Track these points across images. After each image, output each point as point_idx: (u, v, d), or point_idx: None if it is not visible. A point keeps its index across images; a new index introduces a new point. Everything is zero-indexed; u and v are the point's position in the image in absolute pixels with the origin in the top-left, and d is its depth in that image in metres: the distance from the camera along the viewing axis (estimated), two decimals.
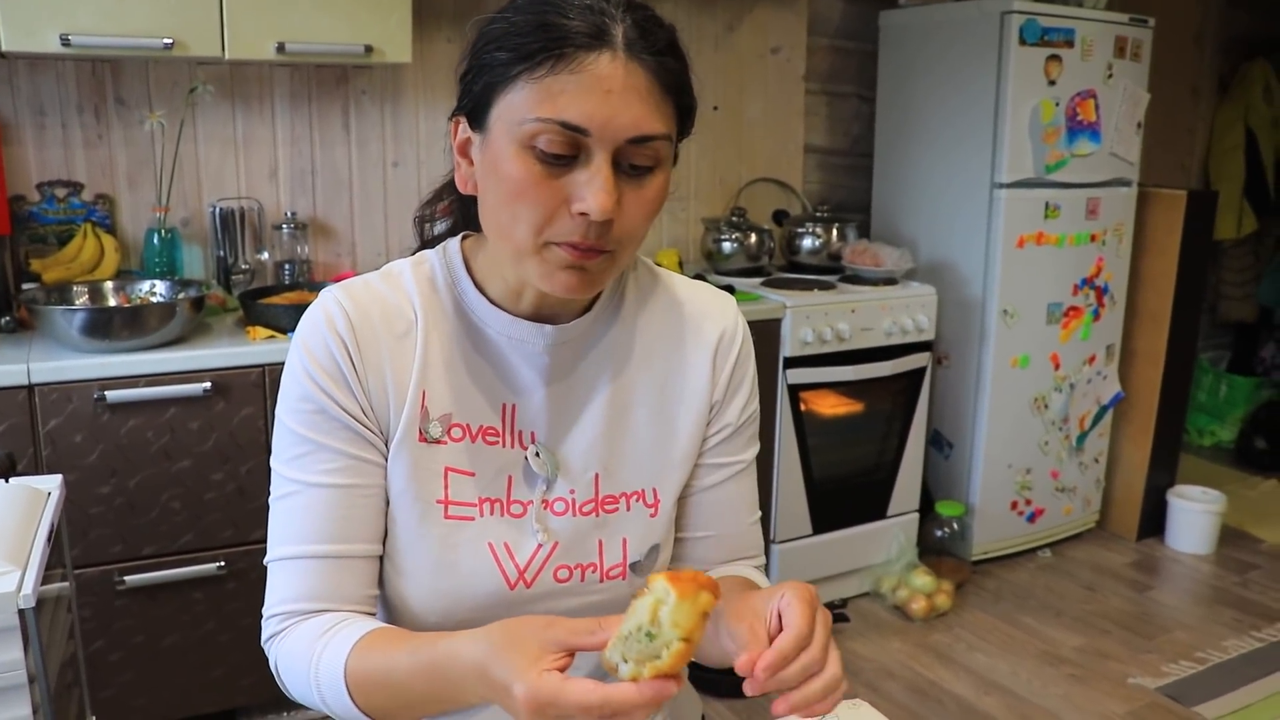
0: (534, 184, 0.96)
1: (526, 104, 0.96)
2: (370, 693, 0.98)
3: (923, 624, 3.32)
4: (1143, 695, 2.92)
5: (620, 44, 0.95)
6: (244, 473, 2.44)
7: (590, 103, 0.94)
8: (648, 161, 0.99)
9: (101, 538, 2.36)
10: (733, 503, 1.24)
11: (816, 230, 3.63)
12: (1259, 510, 4.25)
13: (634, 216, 1.00)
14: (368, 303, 1.09)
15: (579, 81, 0.94)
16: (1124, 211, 3.74)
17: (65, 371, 2.26)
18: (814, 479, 3.27)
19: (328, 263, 3.11)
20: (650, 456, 1.16)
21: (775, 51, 3.76)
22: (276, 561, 1.08)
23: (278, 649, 1.07)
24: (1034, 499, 3.75)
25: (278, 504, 1.08)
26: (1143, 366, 3.90)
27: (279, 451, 1.09)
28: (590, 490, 1.14)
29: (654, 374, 1.17)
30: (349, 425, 1.06)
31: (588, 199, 0.95)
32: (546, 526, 1.12)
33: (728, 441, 1.22)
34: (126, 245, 2.84)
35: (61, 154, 2.75)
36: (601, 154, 0.96)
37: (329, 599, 1.07)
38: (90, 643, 2.39)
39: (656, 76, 0.97)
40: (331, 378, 1.06)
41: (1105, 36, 3.49)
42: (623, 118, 0.95)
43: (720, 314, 1.21)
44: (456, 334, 1.11)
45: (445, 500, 1.09)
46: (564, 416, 1.14)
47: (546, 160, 0.96)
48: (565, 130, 0.94)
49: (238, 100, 2.92)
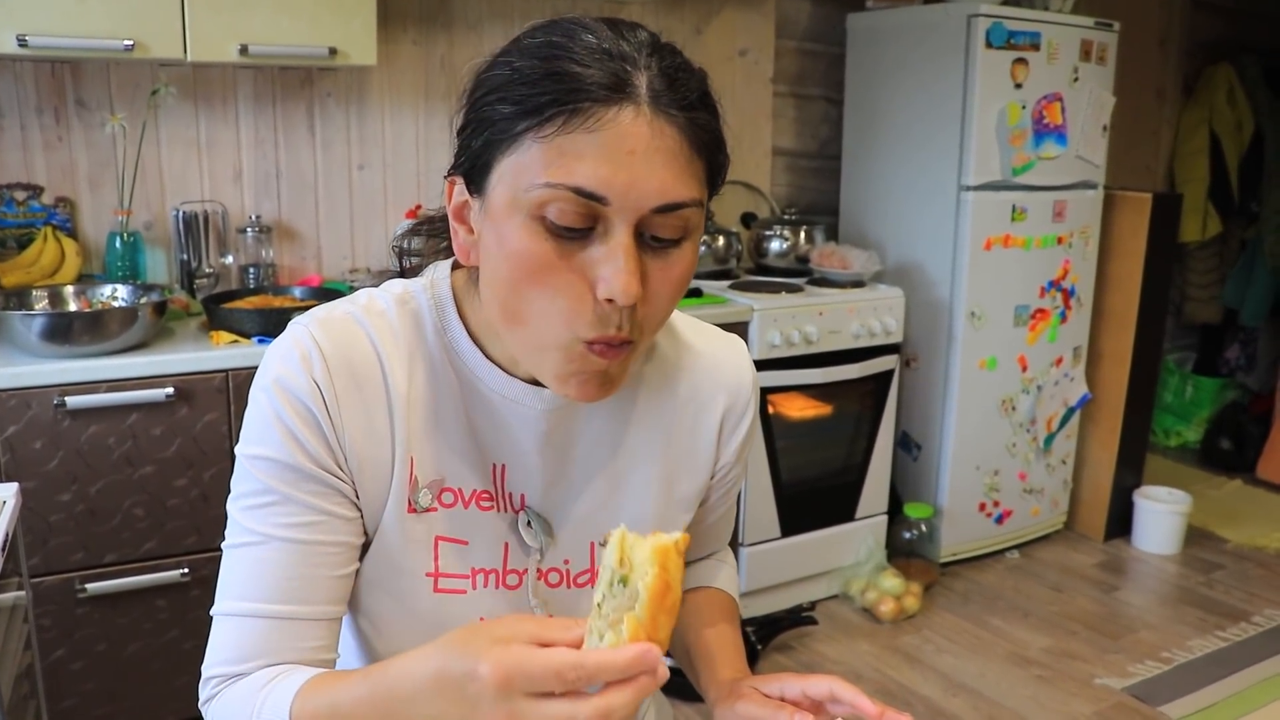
0: (547, 265, 0.84)
1: (534, 167, 0.83)
2: None
3: (891, 626, 3.32)
4: (1109, 695, 2.94)
5: (645, 97, 0.82)
6: (207, 479, 2.42)
7: (610, 166, 0.81)
8: (675, 234, 0.86)
9: (62, 545, 2.33)
10: (723, 524, 1.23)
11: (784, 233, 3.63)
12: (1224, 510, 4.28)
13: (661, 297, 0.88)
14: (347, 344, 0.96)
15: (596, 141, 0.81)
16: (1090, 214, 3.76)
17: (24, 377, 2.22)
18: (782, 482, 3.27)
19: (293, 266, 3.08)
20: (650, 523, 1.07)
21: (743, 54, 3.76)
22: (224, 616, 0.95)
23: (214, 710, 0.94)
24: (1002, 500, 3.76)
25: (232, 552, 0.96)
26: (1109, 368, 3.93)
27: (239, 495, 0.95)
28: (586, 560, 1.05)
29: (656, 435, 1.07)
30: (319, 478, 0.94)
31: (610, 280, 0.83)
32: (544, 600, 1.04)
33: (730, 485, 1.18)
34: (88, 249, 2.81)
35: (20, 156, 2.72)
36: (623, 226, 0.83)
37: (275, 658, 0.94)
38: (51, 652, 2.36)
39: (686, 134, 0.84)
40: (306, 425, 0.93)
41: (1071, 40, 3.51)
42: (647, 183, 0.82)
43: (731, 375, 1.11)
44: (446, 389, 0.99)
45: (435, 573, 1.00)
46: (559, 484, 1.04)
47: (558, 234, 0.83)
48: (580, 198, 0.82)
49: (201, 102, 2.89)
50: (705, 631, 1.15)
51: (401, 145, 3.17)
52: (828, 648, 3.19)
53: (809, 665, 3.07)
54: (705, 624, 1.16)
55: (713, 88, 0.90)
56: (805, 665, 3.07)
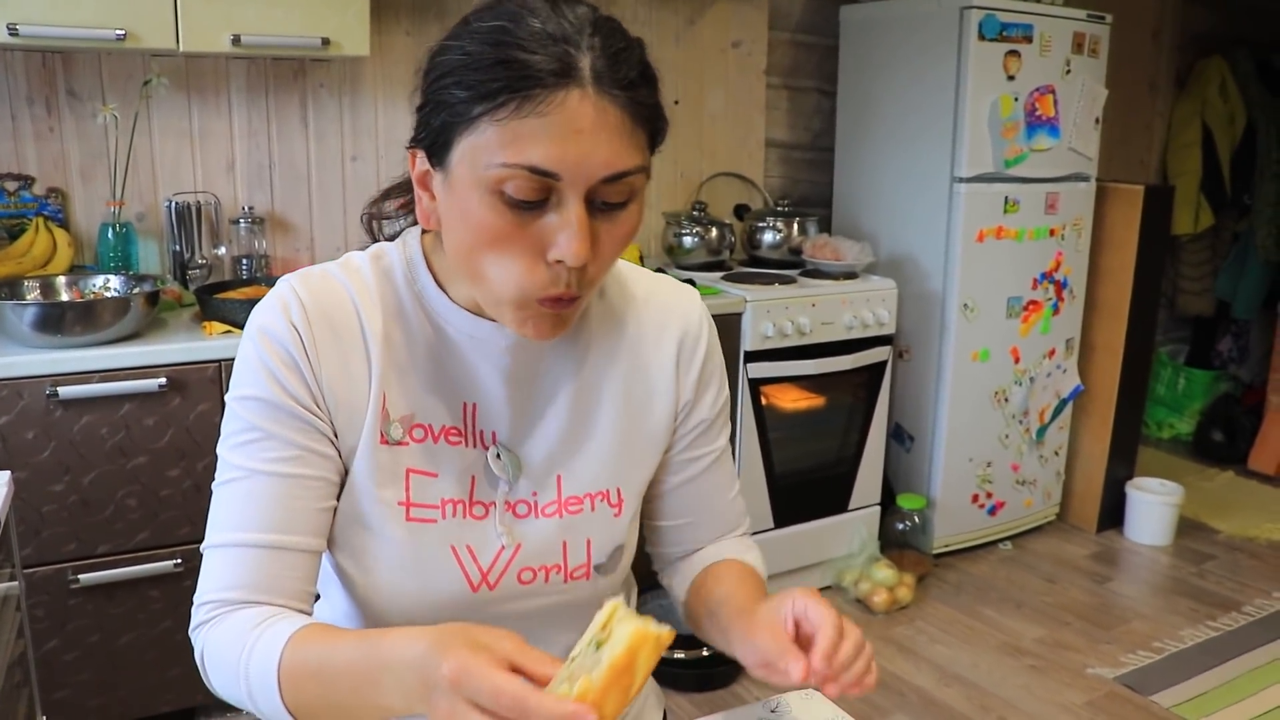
0: (506, 233, 0.93)
1: (491, 148, 0.90)
2: (300, 686, 0.92)
3: (884, 617, 3.33)
4: (1101, 685, 2.95)
5: (589, 78, 0.89)
6: (200, 469, 2.42)
7: (560, 145, 0.89)
8: (622, 197, 0.94)
9: (55, 536, 2.33)
10: (713, 487, 1.25)
11: (777, 224, 3.64)
12: (1216, 502, 4.30)
13: (608, 254, 0.97)
14: (325, 294, 1.06)
15: (547, 124, 0.88)
16: (1083, 206, 3.77)
17: (16, 367, 2.22)
18: (775, 473, 3.27)
19: (286, 257, 3.08)
20: (614, 457, 1.14)
21: (736, 46, 3.76)
22: (213, 548, 1.03)
23: (206, 637, 1.01)
24: (995, 492, 3.77)
25: (221, 489, 1.05)
26: (1102, 360, 3.94)
27: (226, 436, 1.05)
28: (553, 491, 1.12)
29: (618, 373, 1.15)
30: (299, 415, 1.03)
31: (563, 246, 0.92)
32: (510, 529, 1.10)
33: (704, 435, 1.22)
34: (80, 240, 2.81)
35: (11, 146, 2.71)
36: (574, 197, 0.91)
37: (265, 591, 1.01)
38: (44, 643, 2.36)
39: (628, 110, 0.92)
40: (285, 365, 1.02)
41: (1063, 32, 3.51)
42: (595, 158, 0.90)
43: (684, 312, 1.19)
44: (417, 332, 1.08)
45: (407, 502, 1.07)
46: (526, 417, 1.11)
47: (516, 206, 0.91)
48: (535, 176, 0.90)
49: (193, 93, 2.89)
50: (728, 585, 1.17)
51: (394, 136, 3.17)
52: None
53: None
54: (730, 581, 1.18)
55: (651, 57, 0.97)
56: None
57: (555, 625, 1.14)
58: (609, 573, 1.15)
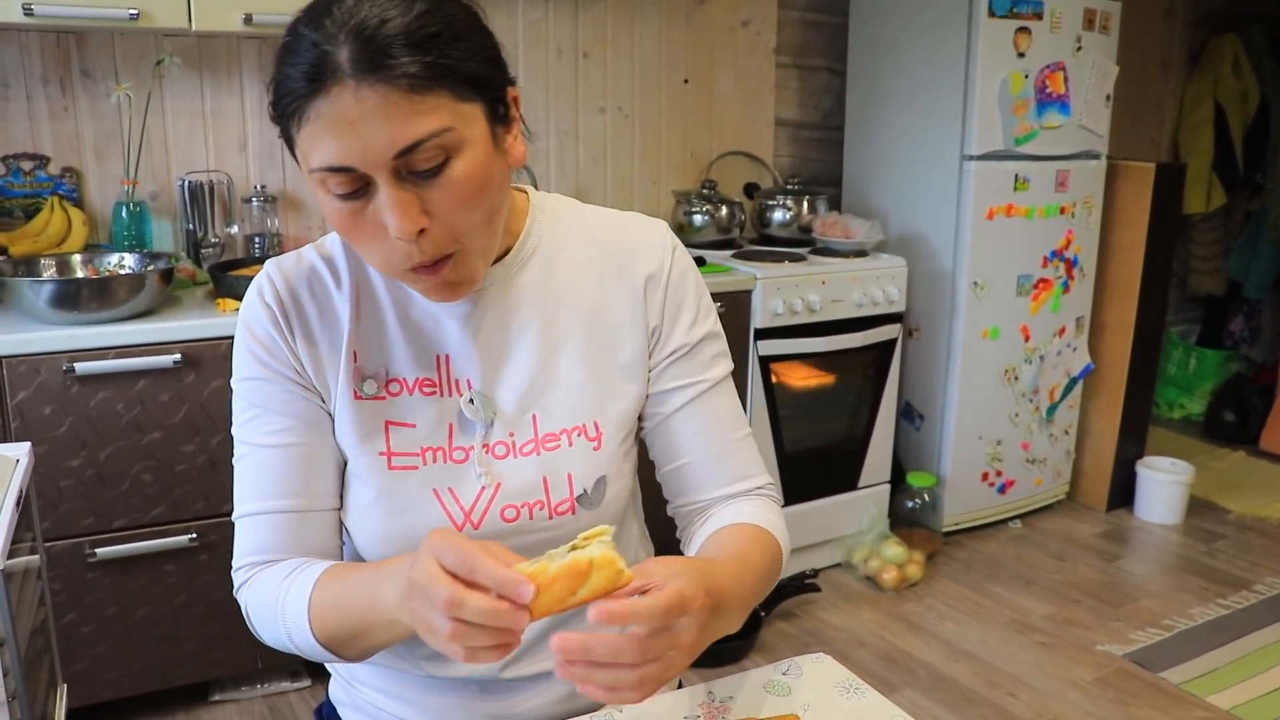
0: (351, 222, 0.99)
1: (303, 154, 0.97)
2: (327, 618, 1.04)
3: (894, 594, 3.35)
4: (1110, 662, 2.96)
5: (347, 71, 0.91)
6: (215, 444, 2.44)
7: (340, 140, 0.92)
8: (435, 161, 0.95)
9: (72, 510, 2.35)
10: (711, 420, 1.21)
11: (787, 203, 3.64)
12: (1227, 481, 4.30)
13: (450, 211, 0.98)
14: (296, 273, 1.15)
15: (324, 126, 0.93)
16: (1093, 184, 3.76)
17: (33, 344, 2.25)
18: (785, 450, 3.29)
19: (297, 236, 3.09)
20: (587, 391, 1.17)
21: (745, 25, 3.76)
22: (240, 519, 1.14)
23: (247, 595, 1.13)
24: (1004, 470, 3.78)
25: (237, 465, 1.15)
26: (1112, 339, 3.93)
27: (234, 417, 1.16)
28: (530, 430, 1.15)
29: (581, 309, 1.18)
30: (286, 389, 1.12)
31: (390, 224, 0.96)
32: (489, 469, 1.14)
33: (684, 361, 1.21)
34: (94, 219, 2.83)
35: (27, 126, 2.73)
36: (380, 178, 0.95)
37: (287, 550, 1.13)
38: (62, 615, 2.39)
39: (394, 85, 0.91)
40: (265, 346, 1.12)
41: (1074, 9, 3.50)
42: (375, 142, 0.92)
43: (647, 243, 1.21)
44: (385, 296, 1.15)
45: (388, 452, 1.13)
46: (495, 362, 1.16)
47: (345, 198, 0.97)
48: (335, 173, 0.95)
49: (205, 72, 2.90)
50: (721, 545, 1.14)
51: None
52: (831, 615, 3.21)
53: (812, 632, 3.10)
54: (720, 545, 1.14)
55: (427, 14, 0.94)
56: (808, 632, 3.10)
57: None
58: (593, 505, 1.16)
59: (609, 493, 1.18)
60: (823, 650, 2.95)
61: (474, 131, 0.98)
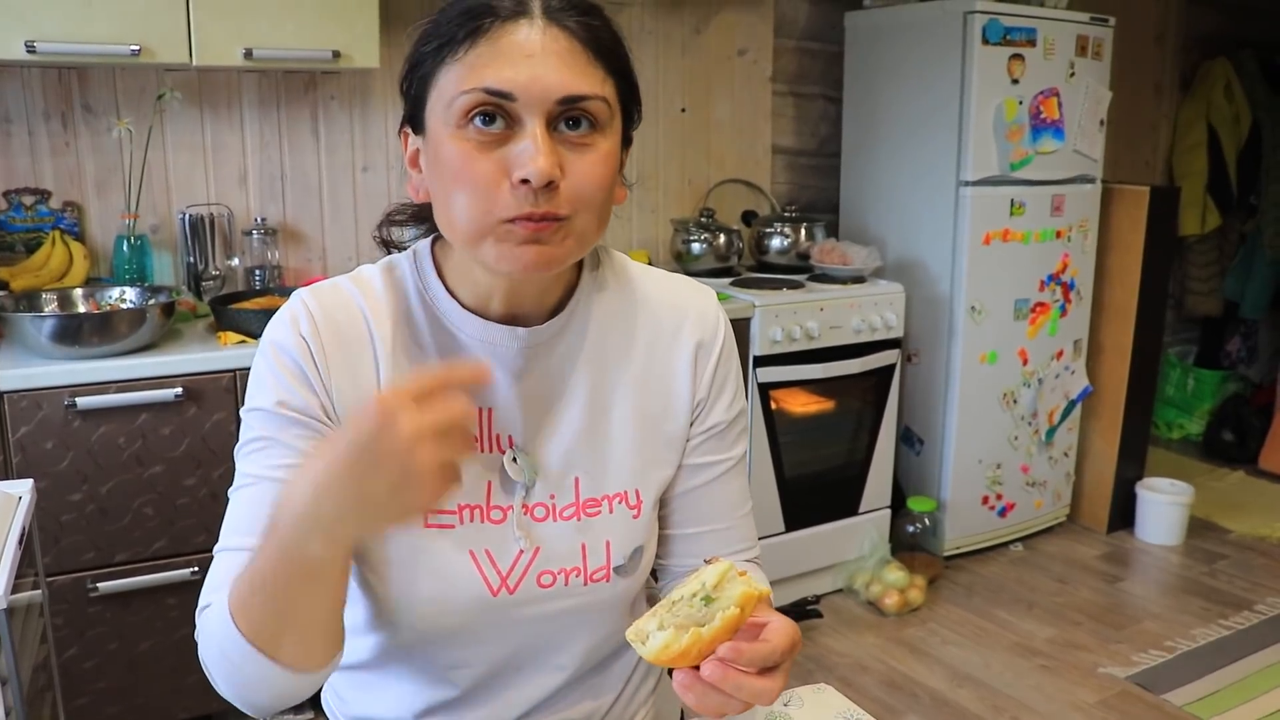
0: (471, 161, 0.95)
1: (453, 84, 0.96)
2: (248, 608, 0.91)
3: (896, 619, 3.34)
4: (1113, 684, 2.96)
5: (538, 11, 0.96)
6: (216, 478, 2.45)
7: (512, 68, 0.94)
8: (583, 126, 0.97)
9: (74, 545, 2.36)
10: (725, 498, 1.22)
11: (785, 230, 3.66)
12: (1226, 501, 4.30)
13: (582, 179, 0.97)
14: (334, 306, 1.08)
15: (498, 50, 0.94)
16: (1089, 208, 3.78)
17: (35, 379, 2.25)
18: (786, 477, 3.29)
19: (298, 268, 3.11)
20: (631, 458, 1.13)
21: (742, 53, 3.79)
22: (219, 552, 1.04)
23: (200, 623, 1.00)
24: (1005, 493, 3.78)
25: (232, 496, 1.06)
26: (1110, 361, 3.95)
27: (239, 446, 1.07)
28: (571, 494, 1.11)
29: (633, 374, 1.14)
30: (306, 424, 1.04)
31: (526, 164, 0.93)
32: (528, 532, 1.09)
33: (717, 439, 1.20)
34: (96, 253, 2.84)
35: (28, 161, 2.75)
36: (533, 119, 0.94)
37: None
38: (64, 650, 2.38)
39: (578, 38, 0.96)
40: (293, 376, 1.04)
41: (1067, 35, 3.53)
42: (547, 79, 0.94)
43: (700, 312, 1.18)
44: (428, 340, 1.08)
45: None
46: (541, 420, 1.11)
47: (482, 134, 0.95)
48: (490, 96, 0.94)
49: (206, 107, 2.92)
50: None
51: None
52: (833, 640, 3.21)
53: (814, 658, 3.09)
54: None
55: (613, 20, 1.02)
56: (811, 658, 3.09)
57: (577, 628, 1.14)
58: (629, 574, 1.13)
59: (643, 561, 1.16)
60: (826, 676, 2.95)
61: (615, 127, 1.01)
